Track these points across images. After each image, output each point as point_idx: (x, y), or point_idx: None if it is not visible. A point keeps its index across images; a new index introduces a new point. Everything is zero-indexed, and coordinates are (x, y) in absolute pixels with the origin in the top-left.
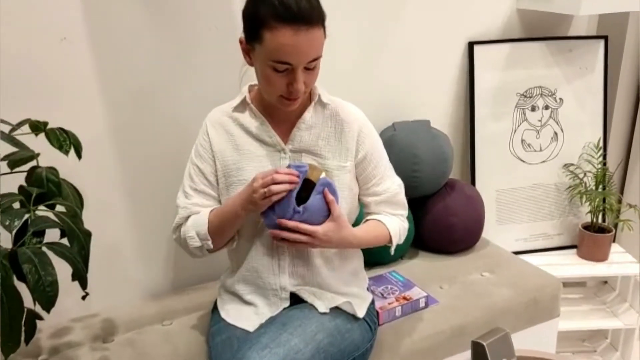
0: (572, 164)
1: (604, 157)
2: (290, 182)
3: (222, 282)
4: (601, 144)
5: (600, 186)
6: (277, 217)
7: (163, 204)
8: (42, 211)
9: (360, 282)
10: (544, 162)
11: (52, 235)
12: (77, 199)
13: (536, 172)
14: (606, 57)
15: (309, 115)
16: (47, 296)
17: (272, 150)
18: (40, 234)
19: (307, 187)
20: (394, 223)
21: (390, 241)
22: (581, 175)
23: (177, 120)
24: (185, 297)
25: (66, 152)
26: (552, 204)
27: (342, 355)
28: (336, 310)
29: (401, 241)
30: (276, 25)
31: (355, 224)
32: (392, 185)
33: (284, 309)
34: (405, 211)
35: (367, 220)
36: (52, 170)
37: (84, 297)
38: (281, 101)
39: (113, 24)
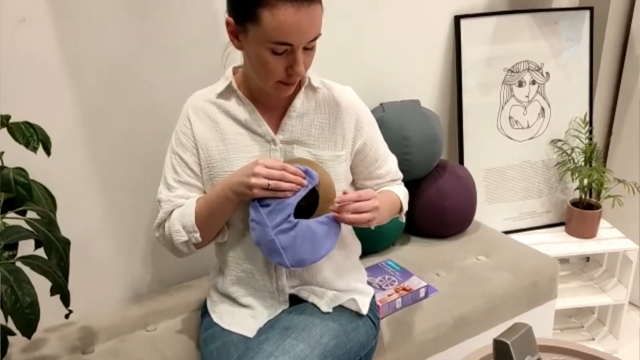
0: (560, 140)
1: (590, 132)
2: (299, 185)
3: (213, 283)
4: (587, 119)
5: (590, 162)
6: (266, 215)
7: (140, 198)
8: (11, 219)
9: (360, 275)
10: (531, 138)
11: (24, 246)
12: (49, 202)
13: (524, 150)
14: (591, 29)
15: (299, 102)
16: (27, 319)
17: (261, 140)
18: (13, 246)
19: (307, 196)
20: (399, 190)
21: (401, 209)
22: (569, 151)
23: (152, 105)
24: (169, 298)
25: (34, 149)
26: (540, 182)
27: (349, 356)
28: (339, 308)
29: (406, 207)
30: (276, 3)
31: None
32: (393, 165)
33: (283, 310)
34: (402, 178)
35: None
36: (21, 171)
37: (67, 316)
38: (278, 87)
39: (77, 3)
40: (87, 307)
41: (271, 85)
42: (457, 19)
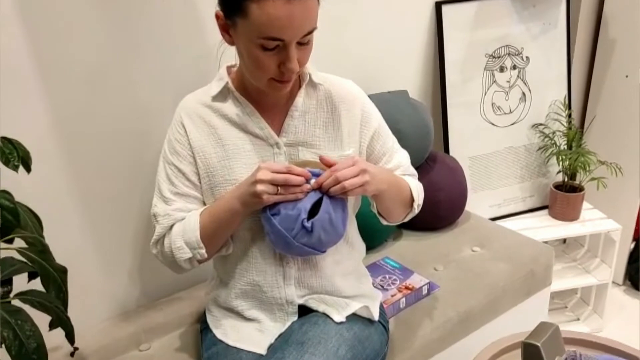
0: (541, 124)
1: (570, 115)
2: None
3: (213, 296)
4: (567, 102)
5: (571, 145)
6: (280, 224)
7: (122, 208)
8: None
9: (367, 279)
10: (513, 124)
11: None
12: (37, 225)
13: (506, 135)
14: (568, 11)
15: (300, 100)
16: None
17: (263, 144)
18: (8, 281)
19: (319, 201)
20: (409, 178)
21: (411, 195)
22: (551, 135)
23: (136, 110)
24: (160, 313)
25: (15, 168)
26: (522, 167)
27: None
28: (350, 316)
29: (420, 201)
30: None
31: (361, 215)
32: (403, 159)
33: (292, 322)
34: (416, 176)
35: None
36: (6, 194)
37: (72, 354)
38: (272, 85)
39: (48, 2)
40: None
41: (264, 84)
42: (438, 5)
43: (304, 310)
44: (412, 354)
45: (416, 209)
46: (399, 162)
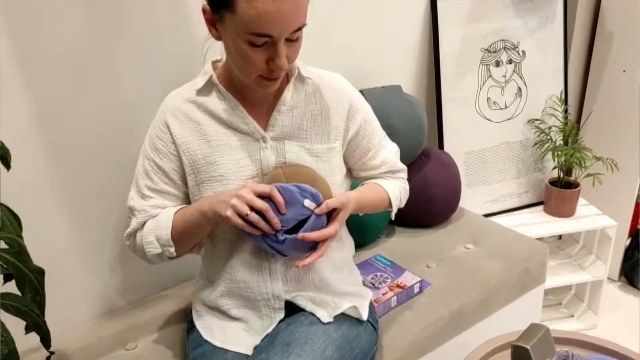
0: (537, 119)
1: (565, 111)
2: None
3: (198, 295)
4: (563, 97)
5: (567, 140)
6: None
7: (104, 204)
8: None
9: (356, 277)
10: (509, 119)
11: None
12: (15, 225)
13: (502, 131)
14: (565, 5)
15: (289, 95)
16: None
17: (249, 139)
18: None
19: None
20: (393, 186)
21: (390, 205)
22: (547, 130)
23: (119, 106)
24: (146, 311)
25: None
26: (518, 162)
27: None
28: (339, 315)
29: (402, 204)
30: None
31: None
32: (389, 155)
33: (280, 321)
34: (405, 173)
35: (362, 184)
36: None
37: (48, 358)
38: (260, 82)
39: None
40: (56, 328)
41: (253, 80)
42: None
43: (291, 310)
44: (402, 353)
45: (395, 210)
46: (384, 158)
